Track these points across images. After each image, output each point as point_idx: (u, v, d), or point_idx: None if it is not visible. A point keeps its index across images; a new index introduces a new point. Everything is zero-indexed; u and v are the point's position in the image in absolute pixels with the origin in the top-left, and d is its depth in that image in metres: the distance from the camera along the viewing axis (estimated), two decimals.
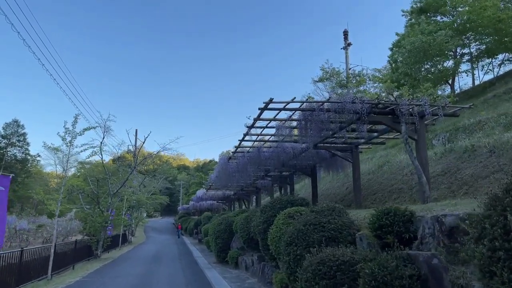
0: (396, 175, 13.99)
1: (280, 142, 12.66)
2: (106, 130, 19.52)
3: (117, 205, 24.00)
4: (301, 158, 14.96)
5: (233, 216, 19.08)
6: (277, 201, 11.02)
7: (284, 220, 9.50)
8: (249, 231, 14.34)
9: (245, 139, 12.17)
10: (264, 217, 11.01)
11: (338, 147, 12.29)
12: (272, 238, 9.54)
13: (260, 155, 14.15)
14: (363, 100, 8.53)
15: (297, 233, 7.38)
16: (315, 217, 7.44)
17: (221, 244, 17.93)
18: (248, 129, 10.53)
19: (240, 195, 31.84)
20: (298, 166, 16.06)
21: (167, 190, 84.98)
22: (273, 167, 16.95)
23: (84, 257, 20.81)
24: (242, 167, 16.48)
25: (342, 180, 20.10)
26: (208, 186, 27.77)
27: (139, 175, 41.13)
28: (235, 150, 13.78)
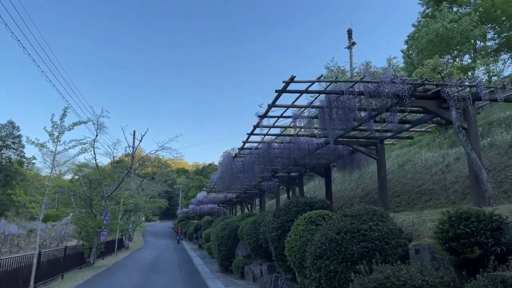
0: (423, 175, 12.44)
1: (295, 136, 11.10)
2: (99, 127, 18.00)
3: (112, 208, 22.38)
4: (315, 155, 13.40)
5: (237, 220, 17.51)
6: (293, 204, 9.47)
7: (305, 226, 7.94)
8: (257, 237, 12.79)
9: (255, 133, 10.62)
10: (278, 222, 9.46)
11: (361, 142, 10.75)
12: (291, 247, 7.98)
13: (270, 152, 12.59)
14: (404, 79, 6.99)
15: (329, 243, 5.81)
16: (352, 222, 5.87)
17: (225, 251, 16.34)
18: (260, 119, 8.98)
19: (243, 198, 30.22)
20: (310, 165, 14.50)
21: (166, 193, 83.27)
22: (282, 167, 15.37)
23: (75, 265, 19.18)
24: (248, 166, 14.91)
25: (356, 181, 18.54)
26: (209, 188, 26.20)
27: (136, 178, 39.53)
28: (242, 146, 12.22)
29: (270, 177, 18.66)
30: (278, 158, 14.40)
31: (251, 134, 10.67)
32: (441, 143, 14.55)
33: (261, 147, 12.26)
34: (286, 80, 6.86)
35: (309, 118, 8.98)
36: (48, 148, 12.68)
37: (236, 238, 16.29)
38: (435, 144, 14.99)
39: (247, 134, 10.71)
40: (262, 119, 9.03)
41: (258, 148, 12.54)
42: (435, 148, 14.49)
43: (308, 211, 9.00)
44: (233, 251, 16.28)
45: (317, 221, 7.96)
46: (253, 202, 30.54)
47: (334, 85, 7.87)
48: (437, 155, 12.89)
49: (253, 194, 28.16)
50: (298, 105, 8.40)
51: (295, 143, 11.46)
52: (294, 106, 8.37)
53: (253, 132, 10.59)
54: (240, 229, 15.36)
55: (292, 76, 6.71)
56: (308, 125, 9.11)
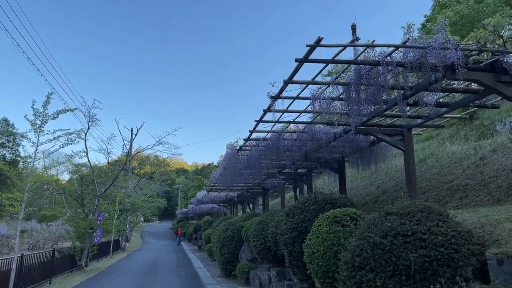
0: (452, 169, 11.05)
1: (313, 122, 9.70)
2: (92, 119, 16.58)
3: (106, 208, 20.94)
4: (329, 148, 12.01)
5: (241, 220, 16.10)
6: (310, 201, 8.07)
7: (329, 227, 6.55)
8: (265, 239, 11.41)
9: (264, 119, 9.19)
10: (292, 223, 8.06)
11: (385, 131, 9.34)
12: (312, 252, 6.58)
13: (279, 145, 11.18)
14: (458, 44, 5.59)
15: (372, 250, 4.42)
16: (402, 223, 4.48)
17: (228, 254, 14.93)
18: (272, 100, 7.56)
19: (245, 197, 28.81)
20: (323, 160, 13.11)
21: (166, 194, 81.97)
22: (291, 162, 13.97)
23: (66, 269, 17.76)
24: (254, 161, 13.49)
25: (369, 178, 17.15)
26: (209, 187, 24.78)
27: (134, 177, 38.09)
28: (248, 135, 10.79)
29: (276, 174, 17.25)
30: (287, 152, 13.01)
31: (260, 121, 9.25)
32: (467, 135, 13.16)
33: (270, 138, 10.84)
34: (311, 44, 5.44)
35: (330, 100, 7.57)
36: (29, 138, 11.26)
37: (239, 240, 14.90)
38: (459, 136, 13.60)
39: (255, 121, 9.30)
40: (275, 101, 7.61)
41: (266, 139, 11.12)
42: (460, 141, 13.10)
43: (329, 209, 7.62)
44: (237, 254, 14.88)
45: (343, 222, 6.57)
46: (256, 201, 29.12)
47: (365, 55, 6.44)
48: (467, 148, 11.50)
49: (256, 193, 26.75)
50: (320, 81, 6.99)
51: (309, 132, 10.05)
52: (315, 82, 6.95)
53: (262, 119, 9.15)
54: (244, 230, 13.97)
55: (318, 38, 5.30)
56: (329, 109, 7.70)
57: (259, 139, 11.17)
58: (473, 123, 13.79)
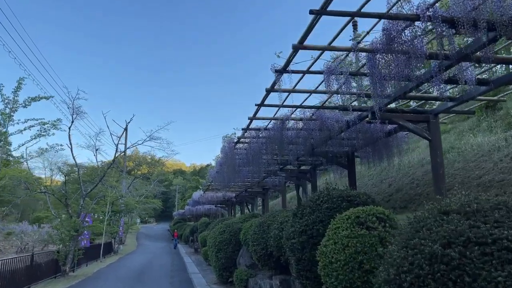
0: (480, 163, 9.70)
1: (322, 107, 8.32)
2: (76, 112, 15.16)
3: (94, 208, 19.48)
4: (338, 140, 10.66)
5: (239, 222, 14.70)
6: (322, 198, 6.68)
7: (351, 230, 5.16)
8: (266, 243, 10.02)
9: (266, 103, 7.79)
10: (301, 225, 6.66)
11: (409, 117, 7.97)
12: (329, 262, 5.19)
13: (282, 136, 9.78)
14: None
15: (431, 265, 3.03)
16: (472, 225, 3.09)
17: (224, 259, 13.51)
18: (278, 75, 6.13)
19: (243, 197, 27.41)
20: (331, 154, 11.73)
21: (163, 195, 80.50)
22: (294, 156, 12.58)
23: (48, 274, 16.29)
24: (253, 155, 12.11)
25: (378, 175, 15.79)
26: (206, 186, 23.37)
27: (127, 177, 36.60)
28: (248, 124, 9.37)
29: (277, 171, 15.87)
30: (290, 145, 11.64)
31: (261, 105, 7.83)
32: (491, 126, 11.81)
33: (272, 127, 9.43)
34: None
35: (348, 75, 6.18)
36: None
37: (237, 243, 13.49)
38: (482, 128, 12.25)
39: (256, 105, 7.89)
40: (280, 76, 6.19)
41: (267, 129, 9.72)
42: (483, 133, 11.75)
43: (346, 208, 6.25)
44: (234, 259, 13.47)
45: (368, 223, 5.18)
46: (255, 202, 27.71)
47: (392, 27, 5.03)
48: (495, 139, 10.15)
49: (255, 193, 25.36)
50: (339, 47, 5.58)
51: (318, 119, 8.66)
52: (332, 48, 5.53)
53: (264, 101, 7.72)
54: (243, 233, 12.56)
55: None
56: (346, 87, 6.31)
57: (260, 129, 9.77)
58: (496, 113, 12.45)
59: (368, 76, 6.20)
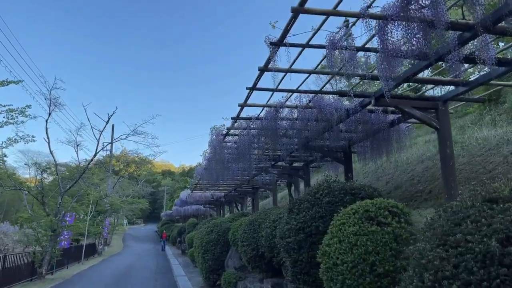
0: (488, 157, 9.03)
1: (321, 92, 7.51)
2: (53, 103, 14.13)
3: (74, 207, 18.38)
4: (335, 133, 9.88)
5: (228, 221, 13.86)
6: (323, 191, 5.88)
7: (360, 226, 4.37)
8: (257, 244, 9.20)
9: (259, 87, 6.96)
10: (298, 221, 5.85)
11: (416, 103, 7.22)
12: (333, 264, 4.38)
13: (276, 126, 8.97)
14: None
15: (484, 265, 2.23)
16: None
17: (212, 261, 12.65)
18: (273, 49, 5.31)
19: (232, 197, 26.54)
20: (326, 148, 10.96)
21: (151, 196, 79.12)
22: (287, 151, 11.80)
23: (23, 277, 15.23)
24: (243, 150, 11.26)
25: (374, 173, 15.09)
26: (193, 184, 22.43)
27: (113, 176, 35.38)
28: (238, 112, 8.47)
29: (269, 168, 15.05)
30: (283, 138, 10.86)
31: (253, 88, 6.98)
32: (495, 119, 11.18)
33: (265, 117, 8.59)
34: None
35: (353, 50, 5.39)
36: None
37: (226, 244, 12.65)
38: (485, 122, 11.63)
39: (248, 88, 7.05)
40: (276, 51, 5.37)
41: (259, 119, 8.88)
42: (487, 127, 11.11)
43: (350, 202, 5.47)
44: (222, 261, 12.61)
45: (380, 218, 4.39)
46: (245, 201, 26.83)
47: None
48: (503, 132, 9.50)
49: (244, 193, 24.51)
50: (345, 11, 4.79)
51: (316, 106, 7.85)
52: (337, 13, 4.73)
53: (256, 84, 6.86)
54: (231, 233, 11.72)
55: None
56: (351, 62, 5.52)
57: (251, 118, 8.92)
58: (500, 107, 11.84)
59: (376, 52, 5.45)
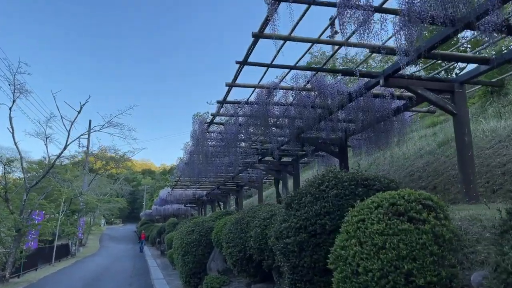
0: (499, 149, 8.27)
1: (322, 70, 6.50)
2: (18, 89, 12.73)
3: (42, 205, 16.88)
4: (330, 123, 8.95)
5: (210, 220, 12.76)
6: (328, 182, 4.88)
7: (387, 224, 3.38)
8: (244, 245, 8.16)
9: (250, 61, 5.92)
10: (298, 218, 4.84)
11: (429, 85, 6.31)
12: (350, 272, 3.37)
13: (267, 112, 7.95)
14: None
15: None
16: None
17: (193, 263, 11.53)
18: (273, 5, 4.32)
19: (215, 195, 25.42)
20: (320, 141, 10.01)
21: (130, 195, 77.01)
22: (277, 144, 10.78)
23: None
24: (229, 141, 10.19)
25: (366, 169, 14.23)
26: (174, 181, 21.20)
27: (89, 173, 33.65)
28: (225, 94, 7.32)
29: (255, 164, 14.04)
30: (274, 129, 9.87)
31: (244, 63, 5.92)
32: (499, 111, 10.47)
33: (255, 100, 7.53)
34: None
35: (370, 8, 4.42)
36: None
37: (208, 244, 11.56)
38: (488, 114, 10.91)
39: (237, 63, 5.97)
40: (276, 7, 4.36)
41: (249, 103, 7.82)
42: (490, 120, 10.38)
43: (363, 195, 4.50)
44: (205, 264, 11.52)
45: (411, 213, 3.42)
46: (228, 200, 25.76)
47: None
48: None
49: (228, 191, 23.43)
50: None
51: (315, 87, 6.86)
52: None
53: (247, 58, 5.81)
54: (215, 233, 10.64)
55: None
56: (365, 26, 4.54)
57: (240, 102, 7.85)
58: (503, 99, 11.15)
59: (396, 14, 4.50)
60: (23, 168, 14.67)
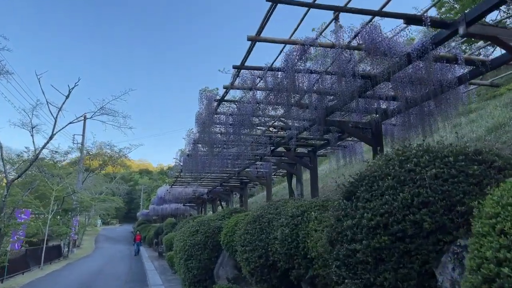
0: None
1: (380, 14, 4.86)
2: None
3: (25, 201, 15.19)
4: (367, 101, 7.36)
5: (217, 219, 11.14)
6: (417, 157, 3.27)
7: None
8: (266, 249, 6.55)
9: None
10: (374, 212, 3.19)
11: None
12: None
13: (294, 83, 6.32)
14: None
15: None
16: None
17: (197, 269, 9.88)
18: None
19: (216, 193, 23.73)
20: (351, 124, 8.39)
21: (127, 195, 75.32)
22: (296, 131, 9.07)
23: None
24: (242, 124, 8.50)
25: None
26: (174, 177, 19.53)
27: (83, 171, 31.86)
28: (247, 52, 5.65)
29: (266, 156, 12.41)
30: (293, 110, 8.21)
31: (277, 1, 4.31)
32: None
33: (285, 63, 5.86)
34: None
35: None
36: None
37: (215, 247, 9.93)
38: None
39: (269, 0, 4.34)
40: None
41: (273, 69, 6.15)
42: None
43: (480, 177, 2.88)
44: (211, 269, 9.88)
45: None
46: (230, 198, 24.07)
47: None
48: None
49: (231, 188, 21.75)
50: None
51: (367, 42, 5.22)
52: None
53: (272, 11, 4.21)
54: (224, 234, 8.99)
55: None
56: None
57: (263, 68, 6.18)
58: None
59: None
60: (3, 158, 12.98)
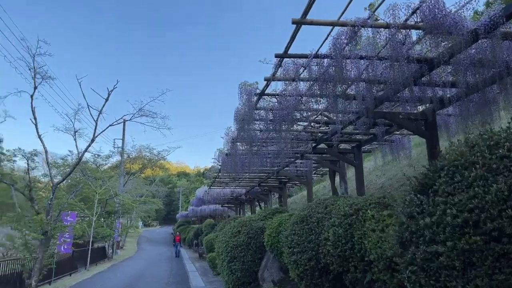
0: None
1: None
2: (40, 74, 11.32)
3: (71, 204, 15.56)
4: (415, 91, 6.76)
5: (259, 219, 10.79)
6: (509, 141, 2.73)
7: None
8: (316, 251, 6.09)
9: None
10: (460, 207, 2.67)
11: None
12: None
13: (341, 72, 5.83)
14: None
15: None
16: None
17: (241, 272, 9.57)
18: None
19: (254, 194, 23.43)
20: (402, 115, 7.77)
21: (167, 197, 77.06)
22: (340, 125, 8.53)
23: None
24: (282, 120, 8.09)
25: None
26: (212, 177, 19.43)
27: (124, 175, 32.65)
28: (292, 36, 5.23)
29: (307, 154, 11.93)
30: (339, 101, 7.68)
31: None
32: None
33: (332, 48, 5.40)
34: None
35: None
36: None
37: (259, 248, 9.59)
38: None
39: None
40: None
41: (319, 56, 5.69)
42: None
43: None
44: (255, 272, 9.54)
45: None
46: (268, 199, 23.71)
47: None
48: None
49: (269, 188, 21.37)
50: None
51: (428, 20, 4.66)
52: None
53: None
54: (268, 234, 8.62)
55: None
56: None
57: (308, 56, 5.74)
58: None
59: None
60: (48, 163, 13.32)
